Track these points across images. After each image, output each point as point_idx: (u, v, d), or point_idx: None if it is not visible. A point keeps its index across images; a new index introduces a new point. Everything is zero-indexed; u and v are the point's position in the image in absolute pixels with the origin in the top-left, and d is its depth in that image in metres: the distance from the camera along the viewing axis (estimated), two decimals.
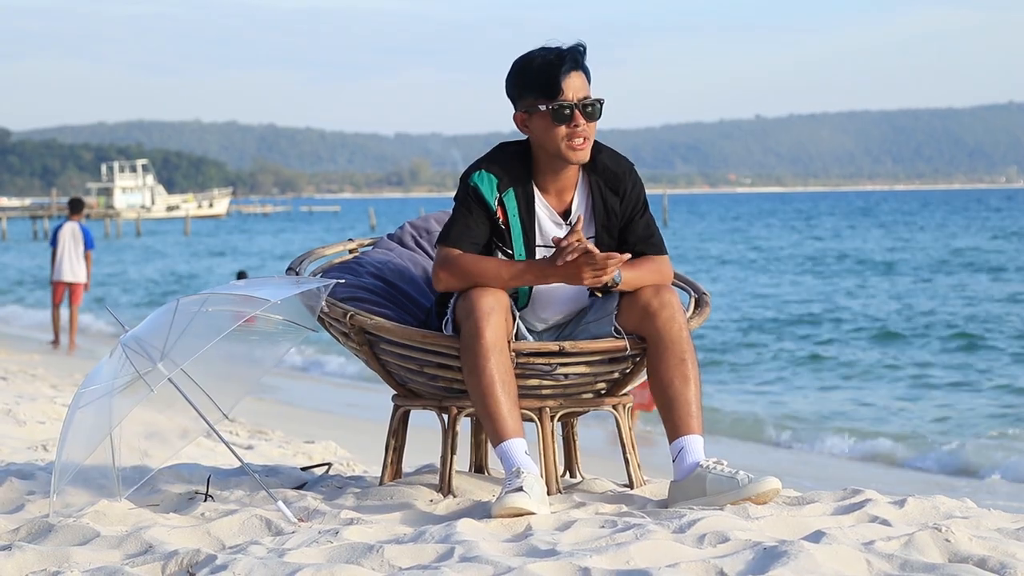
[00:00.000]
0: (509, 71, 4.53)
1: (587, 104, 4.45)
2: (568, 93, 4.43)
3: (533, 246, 4.52)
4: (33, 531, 4.19)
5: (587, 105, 4.45)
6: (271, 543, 3.93)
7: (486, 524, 4.06)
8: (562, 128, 4.44)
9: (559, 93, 4.43)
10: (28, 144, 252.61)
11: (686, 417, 4.40)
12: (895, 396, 15.88)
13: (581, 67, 4.48)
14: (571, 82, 4.44)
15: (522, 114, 4.50)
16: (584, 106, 4.45)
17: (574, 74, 4.45)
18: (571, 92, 4.44)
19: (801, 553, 3.53)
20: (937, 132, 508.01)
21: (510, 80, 4.51)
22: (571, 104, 4.43)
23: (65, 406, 8.87)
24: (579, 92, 4.44)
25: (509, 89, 4.52)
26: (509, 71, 4.53)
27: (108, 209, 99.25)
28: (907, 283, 34.13)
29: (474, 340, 4.34)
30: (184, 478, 4.98)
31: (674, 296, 4.51)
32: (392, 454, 4.81)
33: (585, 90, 4.47)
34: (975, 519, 4.12)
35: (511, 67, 4.53)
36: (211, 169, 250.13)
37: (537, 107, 4.45)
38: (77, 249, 18.10)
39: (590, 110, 4.45)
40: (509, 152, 4.56)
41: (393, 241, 5.21)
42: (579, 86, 4.45)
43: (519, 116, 4.51)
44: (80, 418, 4.42)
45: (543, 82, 4.44)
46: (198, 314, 4.43)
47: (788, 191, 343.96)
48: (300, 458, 7.84)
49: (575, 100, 4.44)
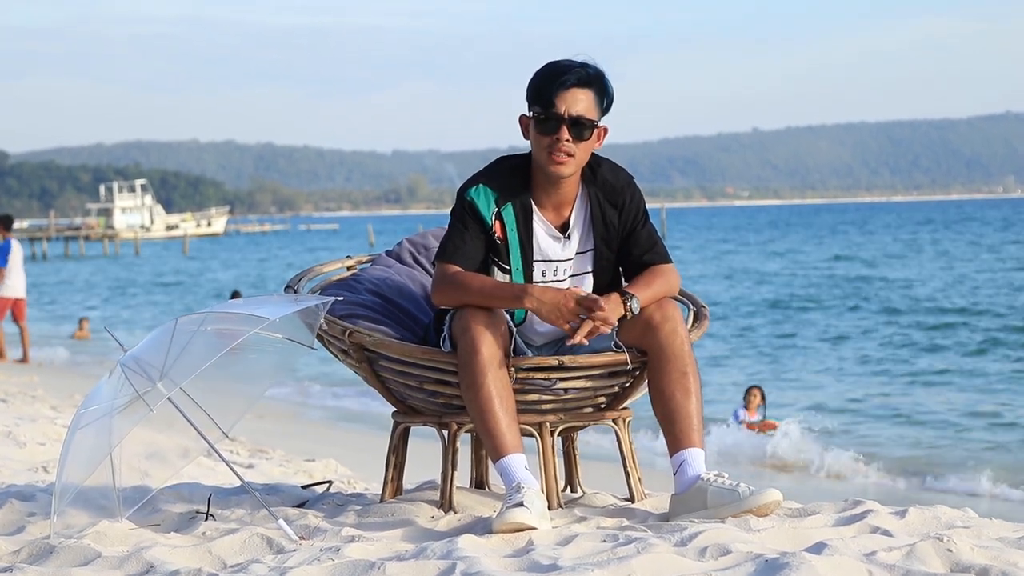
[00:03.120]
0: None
1: (576, 122, 4.41)
2: (560, 106, 4.41)
3: (531, 261, 4.52)
4: (34, 552, 4.19)
5: (576, 123, 4.42)
6: (272, 561, 3.93)
7: (487, 540, 4.06)
8: (545, 138, 4.44)
9: (551, 104, 4.42)
10: (26, 166, 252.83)
11: (687, 430, 4.39)
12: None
13: (589, 87, 4.43)
14: (568, 96, 4.41)
15: (525, 118, 4.51)
16: (573, 123, 4.42)
17: (576, 90, 4.41)
18: (564, 106, 4.41)
19: (803, 565, 3.53)
20: (934, 143, 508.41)
21: (528, 83, 4.52)
22: (560, 116, 4.41)
23: (65, 427, 8.87)
24: (574, 108, 4.41)
25: (526, 91, 4.53)
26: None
27: (108, 229, 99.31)
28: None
29: (471, 356, 4.33)
30: (185, 498, 4.98)
31: (676, 309, 4.50)
32: (393, 471, 4.81)
33: (584, 110, 4.41)
34: (977, 528, 4.11)
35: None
36: (209, 188, 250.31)
37: (532, 114, 4.46)
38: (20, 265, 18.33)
39: (578, 129, 4.41)
40: (507, 166, 4.56)
41: (391, 258, 5.21)
42: (577, 103, 4.40)
43: (523, 119, 4.51)
44: (80, 439, 4.42)
45: (540, 90, 4.43)
46: (197, 333, 4.43)
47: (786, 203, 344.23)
48: (301, 476, 7.84)
49: (566, 114, 4.42)
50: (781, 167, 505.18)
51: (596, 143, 4.50)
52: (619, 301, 4.37)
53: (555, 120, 4.41)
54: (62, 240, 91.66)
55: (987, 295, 32.46)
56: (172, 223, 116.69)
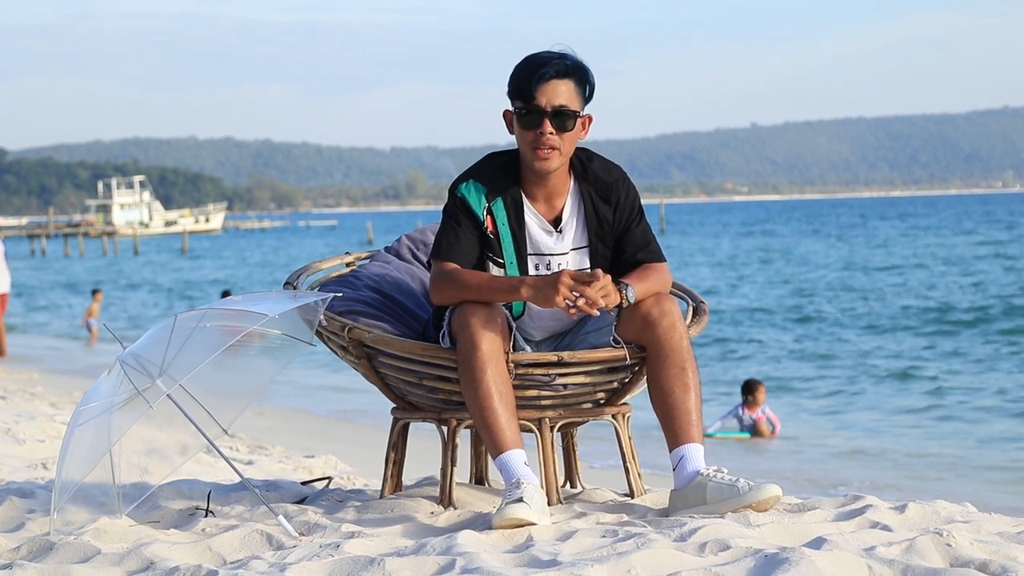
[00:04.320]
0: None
1: (559, 113, 4.40)
2: (541, 99, 4.40)
3: (524, 255, 4.51)
4: (34, 549, 4.19)
5: (558, 114, 4.41)
6: (272, 558, 3.93)
7: (487, 535, 4.06)
8: (529, 133, 4.43)
9: (531, 98, 4.41)
10: (25, 163, 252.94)
11: (686, 426, 4.39)
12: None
13: (569, 77, 4.41)
14: (548, 88, 4.39)
15: (509, 113, 4.50)
16: (555, 114, 4.41)
17: (556, 82, 4.40)
18: (544, 98, 4.40)
19: (802, 560, 3.53)
20: (933, 138, 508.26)
21: (509, 78, 4.51)
22: (541, 110, 4.40)
23: (64, 424, 8.87)
24: (555, 100, 4.39)
25: (507, 87, 4.52)
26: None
27: (107, 226, 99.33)
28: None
29: (470, 352, 4.33)
30: (184, 494, 4.98)
31: (674, 305, 4.50)
32: (392, 467, 4.81)
33: (566, 100, 4.40)
34: (976, 523, 4.12)
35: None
36: (207, 185, 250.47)
37: (514, 109, 4.46)
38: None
39: (560, 120, 4.40)
40: (497, 162, 4.55)
41: (390, 254, 5.21)
42: (557, 94, 4.39)
43: (507, 115, 4.51)
44: (79, 436, 4.42)
45: (521, 84, 4.43)
46: (196, 330, 4.43)
47: (785, 199, 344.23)
48: (300, 472, 7.84)
49: (547, 107, 4.41)
50: (780, 162, 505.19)
51: (581, 133, 4.48)
52: (614, 285, 4.36)
53: (537, 113, 4.41)
54: (61, 237, 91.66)
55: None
56: (170, 219, 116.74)
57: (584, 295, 4.27)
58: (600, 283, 4.28)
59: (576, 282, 4.28)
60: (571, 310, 4.30)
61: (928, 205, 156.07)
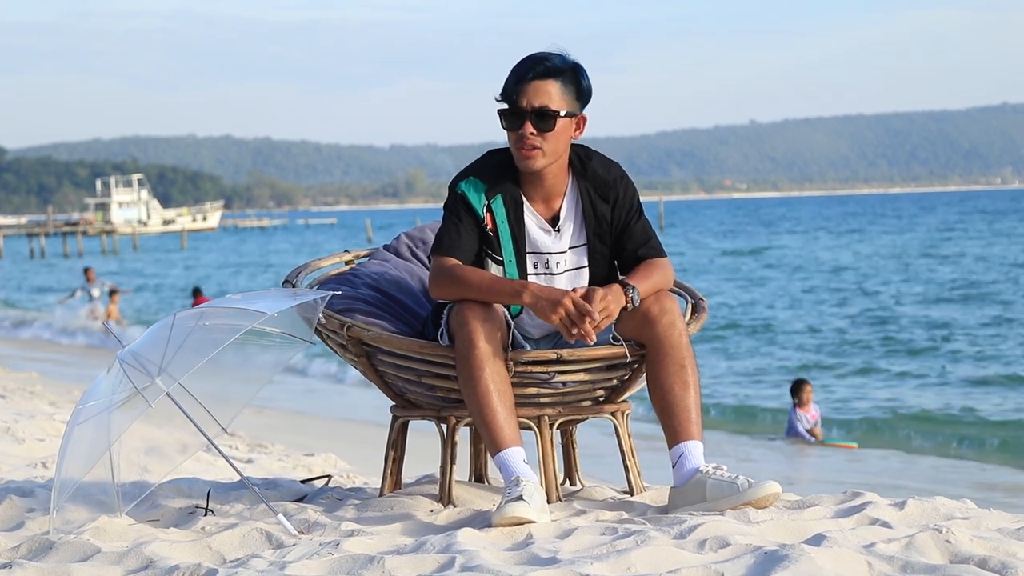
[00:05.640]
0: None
1: (540, 113, 4.39)
2: (522, 100, 4.41)
3: (523, 253, 4.51)
4: (33, 548, 4.19)
5: (540, 114, 4.40)
6: (272, 556, 3.93)
7: (487, 533, 4.06)
8: (512, 133, 4.44)
9: (514, 99, 4.42)
10: (24, 161, 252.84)
11: (686, 423, 4.40)
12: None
13: (553, 77, 4.41)
14: (530, 89, 4.40)
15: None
16: (537, 114, 4.40)
17: (538, 83, 4.40)
18: (526, 99, 4.40)
19: (802, 557, 3.53)
20: (932, 134, 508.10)
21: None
22: (522, 110, 4.41)
23: (64, 423, 8.86)
24: (536, 100, 4.39)
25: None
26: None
27: (106, 224, 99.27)
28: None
29: (468, 351, 4.33)
30: (184, 493, 4.98)
31: (674, 302, 4.50)
32: (392, 465, 4.81)
33: (549, 101, 4.39)
34: (975, 519, 4.12)
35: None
36: (206, 183, 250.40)
37: (500, 109, 4.47)
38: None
39: (542, 120, 4.39)
40: (497, 159, 4.55)
41: (389, 252, 5.21)
42: (539, 95, 4.39)
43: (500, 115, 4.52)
44: (79, 434, 4.42)
45: (506, 85, 4.45)
46: (195, 328, 4.43)
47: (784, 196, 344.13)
48: (300, 471, 7.84)
49: (528, 107, 4.41)
50: (779, 159, 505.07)
51: (573, 132, 4.48)
52: (621, 292, 4.37)
53: (518, 115, 4.42)
54: (60, 236, 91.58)
55: None
56: (169, 218, 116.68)
57: (582, 329, 4.26)
58: (601, 304, 4.27)
59: (578, 310, 4.27)
60: (571, 336, 4.29)
61: (941, 202, 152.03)
